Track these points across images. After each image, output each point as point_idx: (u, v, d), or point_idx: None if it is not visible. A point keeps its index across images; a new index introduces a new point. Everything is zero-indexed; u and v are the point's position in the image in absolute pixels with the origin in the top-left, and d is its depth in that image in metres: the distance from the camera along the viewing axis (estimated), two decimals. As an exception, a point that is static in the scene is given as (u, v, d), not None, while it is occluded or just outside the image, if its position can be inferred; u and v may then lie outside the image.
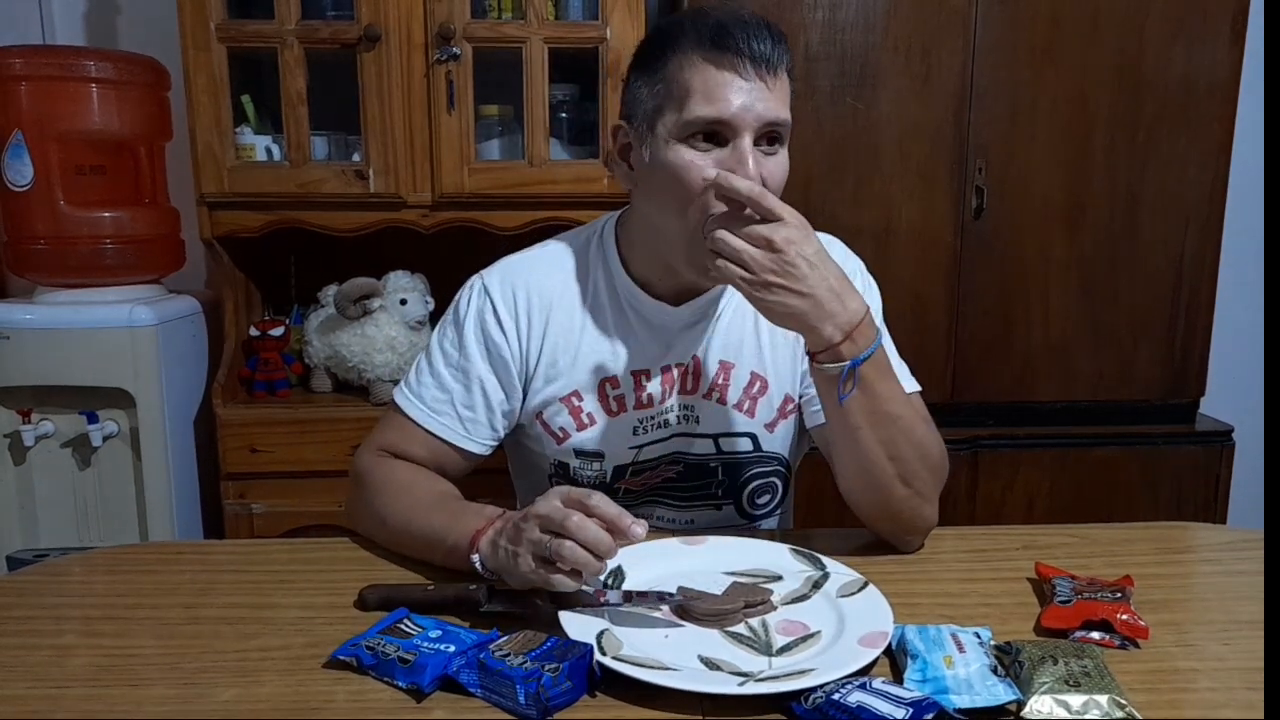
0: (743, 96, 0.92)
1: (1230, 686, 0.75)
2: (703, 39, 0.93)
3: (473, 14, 1.79)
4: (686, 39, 0.94)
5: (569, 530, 0.80)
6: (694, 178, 0.94)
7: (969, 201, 1.90)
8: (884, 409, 0.95)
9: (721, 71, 0.93)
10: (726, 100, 0.92)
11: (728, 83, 0.92)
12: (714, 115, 0.93)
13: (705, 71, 0.93)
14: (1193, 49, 1.87)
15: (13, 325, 1.81)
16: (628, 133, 1.02)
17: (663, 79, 0.96)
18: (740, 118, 0.93)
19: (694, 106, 0.93)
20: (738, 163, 0.93)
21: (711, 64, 0.93)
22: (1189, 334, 1.98)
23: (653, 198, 1.01)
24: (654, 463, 1.12)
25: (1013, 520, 1.97)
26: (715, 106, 0.92)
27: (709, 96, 0.93)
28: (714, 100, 0.92)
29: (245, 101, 1.89)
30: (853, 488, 1.01)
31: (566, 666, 0.72)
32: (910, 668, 0.74)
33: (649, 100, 0.98)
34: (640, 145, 1.00)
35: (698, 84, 0.93)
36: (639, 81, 0.99)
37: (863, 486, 0.99)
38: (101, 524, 1.91)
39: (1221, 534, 1.14)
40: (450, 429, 1.08)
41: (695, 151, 0.95)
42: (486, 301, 1.09)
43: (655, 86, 0.97)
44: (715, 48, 0.93)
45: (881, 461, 0.96)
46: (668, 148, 0.96)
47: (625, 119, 1.02)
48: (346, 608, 0.88)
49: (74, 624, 0.87)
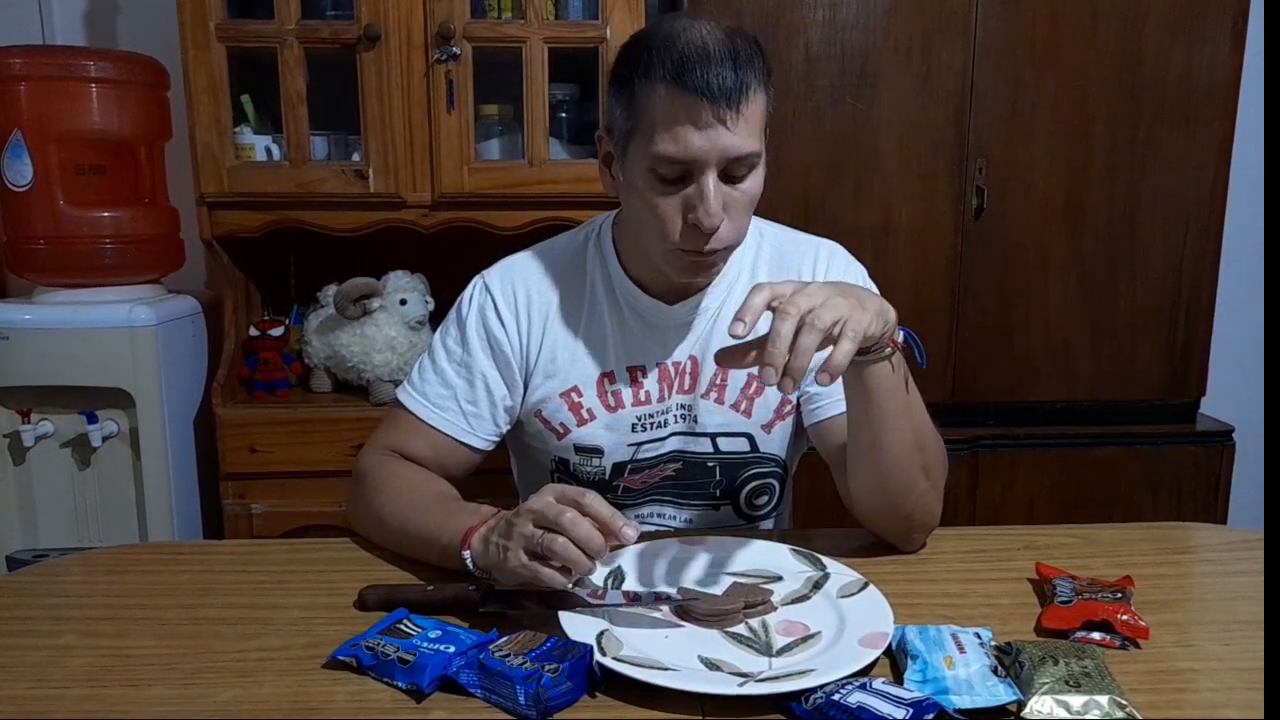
0: (704, 140, 0.91)
1: (1230, 687, 0.75)
2: (666, 72, 0.91)
3: (473, 14, 1.79)
4: (652, 67, 0.93)
5: (562, 526, 0.80)
6: (661, 217, 0.96)
7: (969, 201, 1.90)
8: (913, 395, 0.96)
9: (687, 114, 0.91)
10: (687, 142, 0.92)
11: (690, 125, 0.91)
12: (675, 155, 0.93)
13: (668, 107, 0.92)
14: (1193, 49, 1.87)
15: (12, 325, 1.80)
16: (609, 143, 1.03)
17: (631, 103, 0.96)
18: (702, 159, 0.92)
19: (658, 143, 0.93)
20: (700, 199, 0.94)
21: (675, 101, 0.91)
22: (1189, 334, 1.98)
23: (629, 212, 1.03)
24: (653, 461, 1.12)
25: (1013, 520, 1.97)
26: (677, 147, 0.92)
27: (672, 137, 0.92)
28: (676, 140, 0.92)
29: (245, 101, 1.89)
30: (870, 485, 0.99)
31: (566, 667, 0.72)
32: (910, 668, 0.74)
33: (623, 121, 0.98)
34: (618, 160, 1.01)
35: (660, 120, 0.93)
36: (614, 98, 0.99)
37: (883, 483, 0.97)
38: (101, 524, 1.91)
39: (1222, 534, 1.14)
40: (454, 424, 1.09)
41: (662, 190, 0.95)
42: (488, 298, 1.11)
43: (627, 109, 0.97)
44: (677, 84, 0.91)
45: (910, 452, 0.96)
46: (638, 175, 0.97)
47: (607, 130, 1.03)
48: (346, 608, 0.88)
49: (73, 624, 0.87)
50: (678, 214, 0.96)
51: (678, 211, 0.96)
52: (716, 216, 0.94)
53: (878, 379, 0.92)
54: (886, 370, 0.91)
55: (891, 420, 0.94)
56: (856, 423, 0.97)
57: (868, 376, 0.92)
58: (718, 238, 0.97)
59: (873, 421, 0.94)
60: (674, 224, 0.96)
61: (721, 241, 0.97)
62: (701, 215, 0.94)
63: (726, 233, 0.97)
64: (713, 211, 0.93)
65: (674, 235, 0.97)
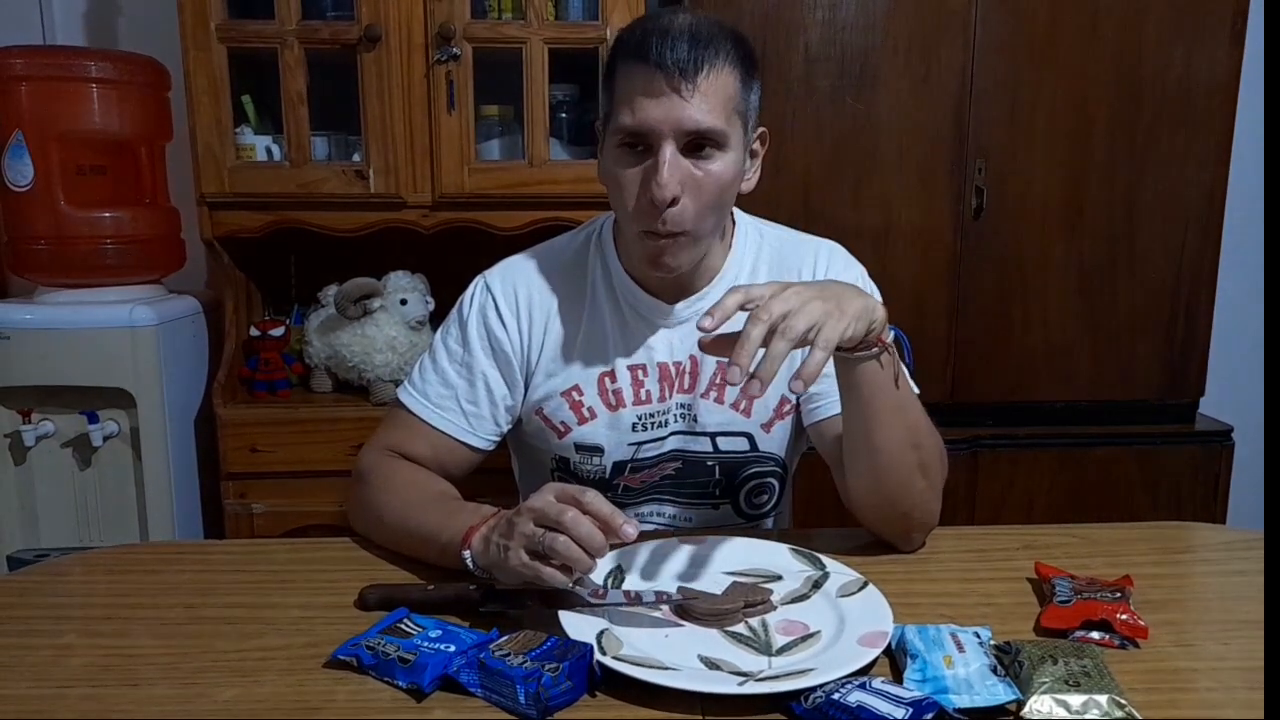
0: (657, 109, 0.94)
1: (1230, 686, 0.75)
2: (631, 48, 0.96)
3: (473, 14, 1.79)
4: (624, 47, 0.97)
5: (563, 525, 0.81)
6: (623, 191, 0.98)
7: (969, 201, 1.90)
8: (906, 395, 0.96)
9: (643, 84, 0.94)
10: (644, 111, 0.94)
11: (644, 93, 0.94)
12: (631, 125, 0.95)
13: (631, 82, 0.95)
14: (1193, 49, 1.87)
15: (13, 325, 1.81)
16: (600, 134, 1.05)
17: (610, 85, 1.00)
18: (656, 129, 0.94)
19: (619, 115, 0.96)
20: (653, 171, 0.95)
21: (633, 74, 0.95)
22: (1189, 334, 1.98)
23: (610, 196, 1.04)
24: (653, 460, 1.12)
25: (1012, 520, 1.97)
26: (634, 117, 0.95)
27: (630, 106, 0.95)
28: (634, 110, 0.95)
29: (245, 101, 1.89)
30: (866, 484, 0.99)
31: (566, 666, 0.72)
32: (910, 667, 0.74)
33: (604, 105, 1.02)
34: (601, 145, 1.04)
35: (622, 94, 0.96)
36: (602, 86, 1.03)
37: (879, 481, 0.97)
38: (102, 524, 1.91)
39: (1221, 534, 1.14)
40: (454, 424, 1.09)
41: (625, 164, 0.98)
42: (489, 298, 1.11)
43: (607, 93, 1.01)
44: (638, 58, 0.95)
45: (905, 451, 0.96)
46: (609, 151, 1.00)
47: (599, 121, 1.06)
48: (346, 608, 0.89)
49: (74, 624, 0.87)
50: (637, 187, 0.97)
51: (637, 184, 0.97)
52: (668, 188, 0.94)
53: (868, 377, 0.93)
54: (875, 368, 0.92)
55: (883, 418, 0.95)
56: (850, 420, 0.98)
57: (857, 374, 0.93)
58: (676, 217, 0.96)
59: (865, 419, 0.95)
60: (633, 197, 0.98)
61: (680, 222, 0.97)
62: (654, 186, 0.95)
63: (686, 213, 0.97)
64: (663, 182, 0.94)
65: (633, 210, 0.98)
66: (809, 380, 0.81)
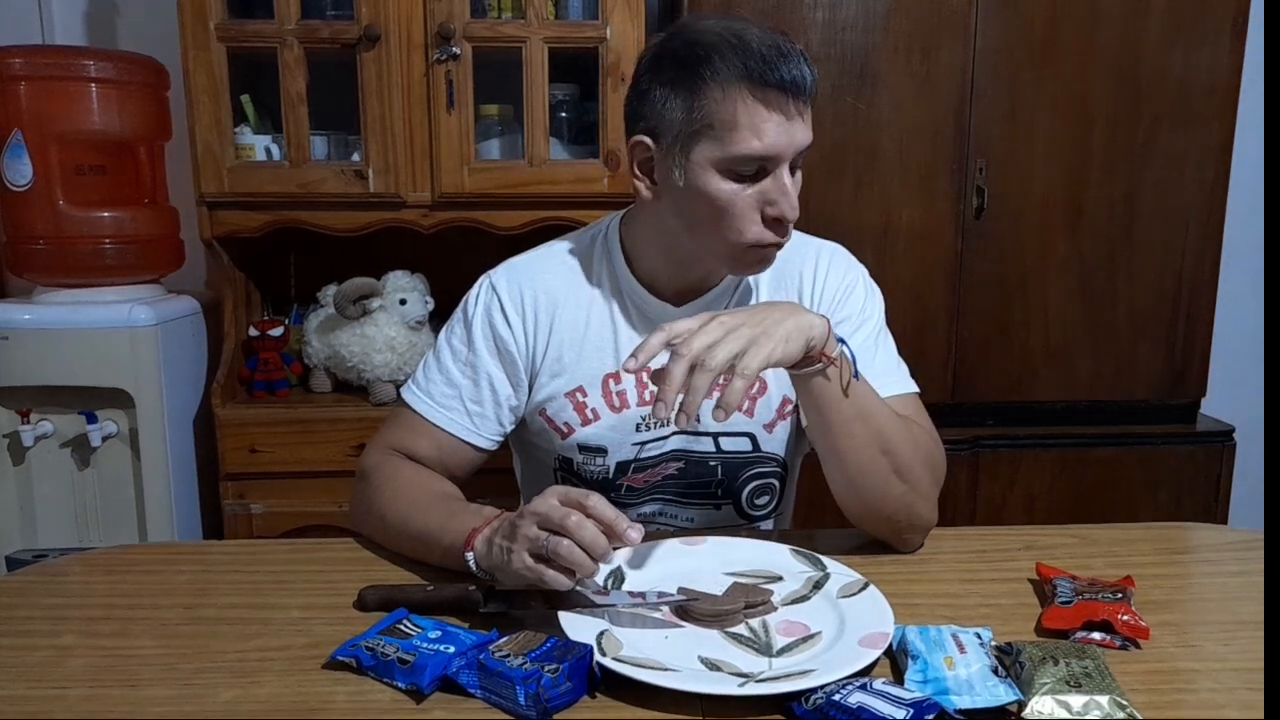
0: (788, 134, 0.95)
1: (1230, 687, 0.75)
2: (749, 71, 0.92)
3: (472, 14, 1.79)
4: (729, 67, 0.93)
5: (567, 529, 0.81)
6: (740, 209, 0.98)
7: (969, 201, 1.90)
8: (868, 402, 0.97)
9: (770, 110, 0.93)
10: (774, 138, 0.94)
11: (776, 120, 0.94)
12: (763, 153, 0.94)
13: (754, 108, 0.93)
14: (1193, 49, 1.87)
15: (12, 325, 1.80)
16: (650, 148, 1.00)
17: (702, 106, 0.94)
18: (785, 153, 0.96)
19: (742, 143, 0.94)
20: (780, 194, 0.97)
21: (759, 101, 0.93)
22: (1189, 334, 1.98)
23: (683, 216, 1.01)
24: (655, 460, 1.12)
25: (1013, 520, 1.97)
26: (764, 143, 0.94)
27: (758, 133, 0.94)
28: (763, 137, 0.94)
29: (245, 101, 1.89)
30: (841, 490, 1.01)
31: (566, 667, 0.72)
32: (911, 668, 0.74)
33: (684, 124, 0.96)
34: (671, 166, 0.99)
35: (744, 120, 0.93)
36: (669, 100, 0.97)
37: (852, 487, 0.99)
38: (101, 524, 1.90)
39: (1222, 534, 1.14)
40: (458, 423, 1.09)
41: (737, 184, 0.97)
42: (494, 298, 1.11)
43: (693, 112, 0.95)
44: (762, 83, 0.92)
45: (875, 458, 0.96)
46: (707, 176, 0.97)
47: (649, 134, 1.00)
48: (346, 608, 0.88)
49: (73, 624, 0.87)
50: (754, 210, 0.98)
51: (754, 207, 0.98)
52: (798, 208, 0.98)
53: (818, 390, 0.94)
54: (823, 383, 0.94)
55: (843, 428, 0.96)
56: (813, 432, 1.01)
57: (809, 390, 0.95)
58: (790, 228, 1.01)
59: (825, 429, 0.97)
60: (751, 220, 0.98)
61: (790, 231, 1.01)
62: (785, 209, 0.97)
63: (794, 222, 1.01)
64: (795, 204, 0.98)
65: (751, 231, 0.98)
66: (729, 409, 0.83)
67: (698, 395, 0.82)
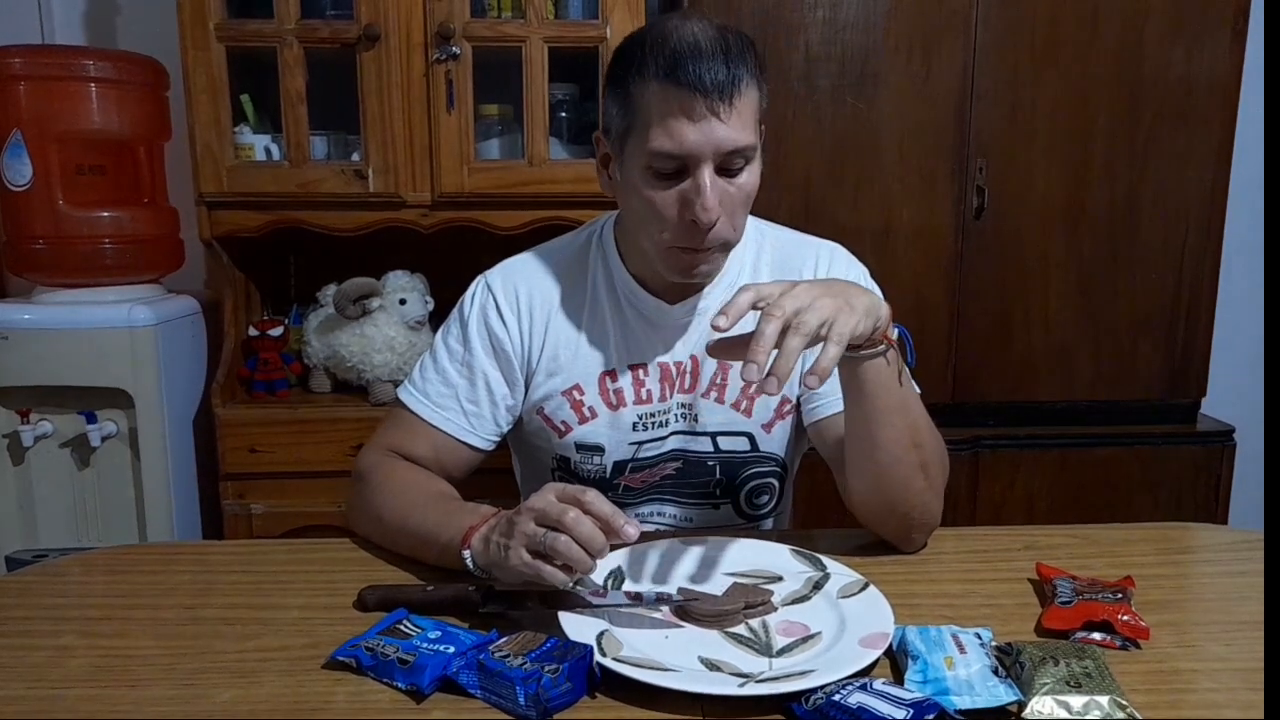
0: (698, 133, 0.92)
1: (1230, 687, 0.75)
2: (659, 68, 0.92)
3: (472, 13, 1.79)
4: (646, 65, 0.94)
5: (565, 525, 0.80)
6: (658, 213, 0.97)
7: (969, 201, 1.90)
8: (908, 393, 0.96)
9: (678, 105, 0.92)
10: (682, 136, 0.92)
11: (684, 118, 0.92)
12: (671, 150, 0.93)
13: (663, 104, 0.93)
14: (1193, 49, 1.87)
15: (12, 325, 1.80)
16: (605, 145, 1.04)
17: (626, 102, 0.97)
18: (697, 153, 0.93)
19: (653, 140, 0.94)
20: (696, 194, 0.94)
21: (669, 97, 0.92)
22: (1189, 334, 1.98)
23: (629, 213, 1.04)
24: (653, 460, 1.12)
25: (1013, 520, 1.97)
26: (673, 141, 0.93)
27: (667, 131, 0.93)
28: (671, 135, 0.93)
29: (245, 101, 1.88)
30: (867, 484, 0.99)
31: (566, 667, 0.71)
32: (911, 669, 0.74)
33: (618, 120, 0.99)
34: (616, 160, 1.02)
35: (655, 117, 0.94)
36: (609, 98, 1.00)
37: (879, 480, 0.97)
38: (100, 524, 1.90)
39: (1222, 534, 1.14)
40: (455, 423, 1.10)
41: (659, 186, 0.96)
42: (490, 298, 1.12)
43: (622, 108, 0.98)
44: (670, 80, 0.92)
45: (907, 450, 0.96)
46: (636, 174, 0.98)
47: (604, 131, 1.04)
48: (346, 608, 0.88)
49: (73, 624, 0.87)
50: (674, 210, 0.96)
51: (674, 207, 0.96)
52: (714, 211, 0.95)
53: (872, 374, 0.92)
54: (881, 366, 0.92)
55: (886, 416, 0.94)
56: (852, 419, 0.98)
57: (862, 372, 0.92)
58: (714, 234, 0.97)
59: (868, 417, 0.95)
60: (671, 220, 0.97)
61: (718, 238, 0.98)
62: (699, 210, 0.94)
63: (723, 229, 0.98)
64: (709, 206, 0.94)
65: (671, 232, 0.97)
66: (823, 375, 0.81)
67: (790, 358, 0.80)
